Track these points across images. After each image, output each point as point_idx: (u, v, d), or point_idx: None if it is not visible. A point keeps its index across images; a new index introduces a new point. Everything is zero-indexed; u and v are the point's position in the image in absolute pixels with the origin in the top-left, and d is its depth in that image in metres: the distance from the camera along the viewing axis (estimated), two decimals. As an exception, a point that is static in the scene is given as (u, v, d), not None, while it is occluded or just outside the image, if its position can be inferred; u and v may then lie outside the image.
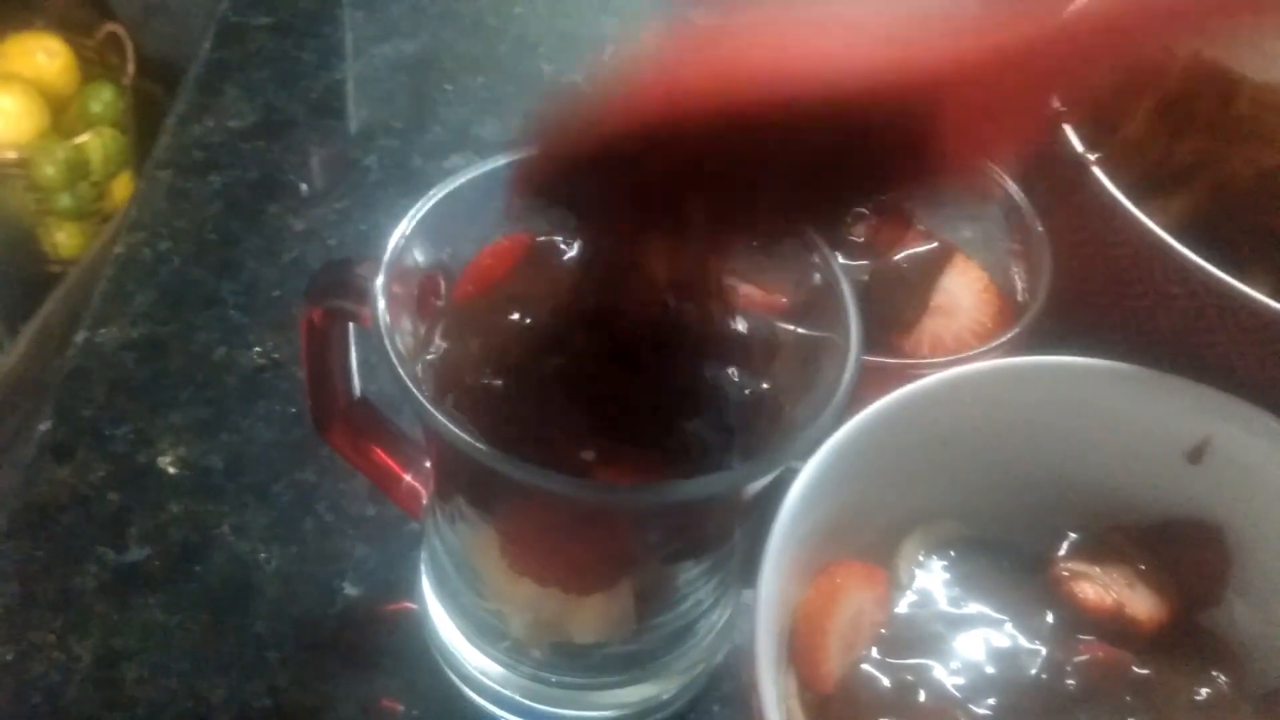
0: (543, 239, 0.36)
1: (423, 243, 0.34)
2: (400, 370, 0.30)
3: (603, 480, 0.31)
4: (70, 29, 1.24)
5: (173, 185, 0.53)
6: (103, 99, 1.20)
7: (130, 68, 1.22)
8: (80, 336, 0.48)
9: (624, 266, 0.32)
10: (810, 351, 0.35)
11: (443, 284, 0.35)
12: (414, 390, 0.30)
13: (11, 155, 1.15)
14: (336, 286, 0.34)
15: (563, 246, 0.35)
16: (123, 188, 1.21)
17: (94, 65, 1.23)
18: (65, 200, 1.16)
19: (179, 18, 1.17)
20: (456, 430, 0.29)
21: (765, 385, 0.34)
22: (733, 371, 0.33)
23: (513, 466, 0.29)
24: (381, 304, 0.31)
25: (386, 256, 0.32)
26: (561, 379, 0.32)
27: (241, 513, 0.44)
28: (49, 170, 1.15)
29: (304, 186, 0.54)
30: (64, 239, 1.18)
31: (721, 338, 0.34)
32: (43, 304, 1.07)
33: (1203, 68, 0.53)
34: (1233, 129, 0.54)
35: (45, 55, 1.22)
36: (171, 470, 0.45)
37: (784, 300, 0.38)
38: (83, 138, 1.16)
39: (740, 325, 0.34)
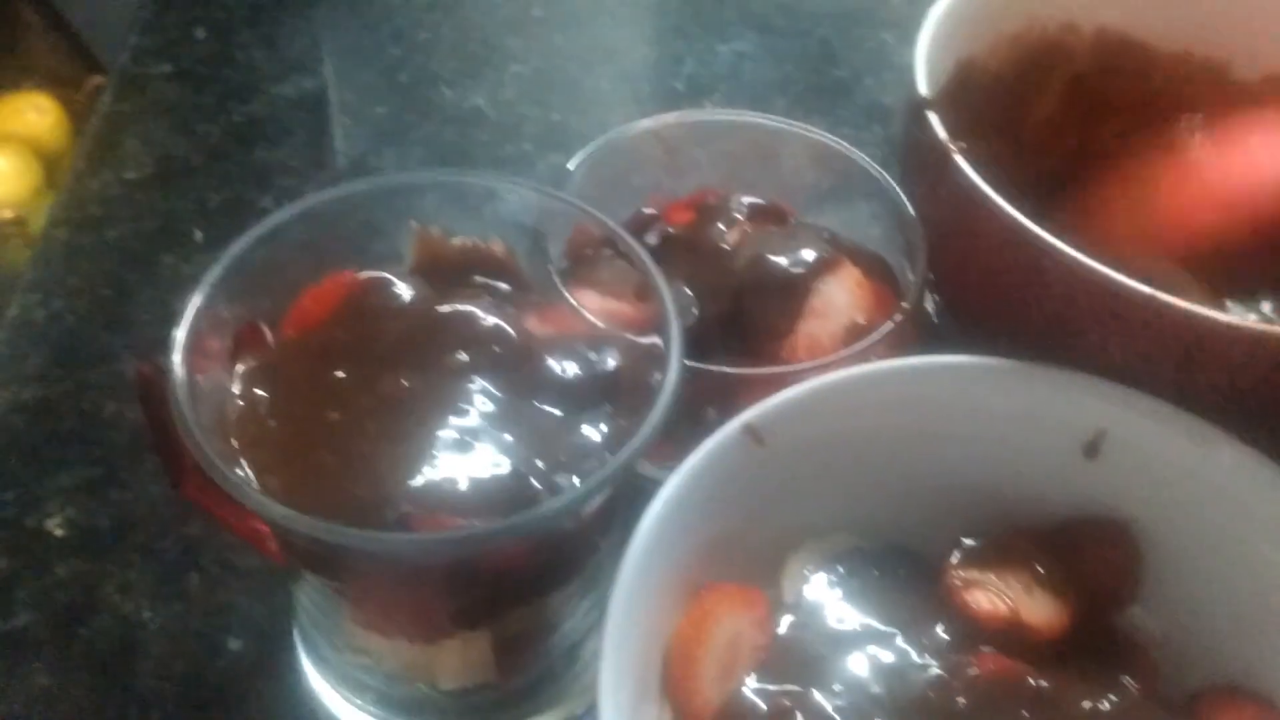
0: (366, 276, 0.35)
1: (236, 292, 0.33)
2: (193, 432, 0.29)
3: (422, 530, 0.29)
4: (57, 84, 1.25)
5: (69, 242, 0.53)
6: (95, 152, 1.21)
7: (120, 119, 1.22)
8: (-31, 405, 0.48)
9: None
10: (647, 364, 0.34)
11: (267, 332, 0.34)
12: (205, 450, 0.29)
13: (8, 214, 1.16)
14: (160, 342, 0.34)
15: (386, 282, 0.34)
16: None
17: (84, 119, 1.24)
18: (62, 255, 1.17)
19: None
20: (247, 490, 0.28)
21: (595, 410, 0.33)
22: (557, 401, 0.32)
23: (306, 524, 0.28)
24: (178, 360, 0.30)
25: (185, 315, 0.31)
26: (368, 426, 0.30)
27: (127, 571, 0.43)
28: (45, 227, 1.15)
29: (199, 234, 0.53)
30: (63, 294, 1.19)
31: (543, 370, 0.32)
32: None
33: (1114, 42, 0.50)
34: (1151, 106, 0.51)
35: (36, 113, 1.23)
36: (59, 532, 0.44)
37: (627, 309, 0.36)
38: (77, 192, 1.17)
39: (564, 354, 0.33)
